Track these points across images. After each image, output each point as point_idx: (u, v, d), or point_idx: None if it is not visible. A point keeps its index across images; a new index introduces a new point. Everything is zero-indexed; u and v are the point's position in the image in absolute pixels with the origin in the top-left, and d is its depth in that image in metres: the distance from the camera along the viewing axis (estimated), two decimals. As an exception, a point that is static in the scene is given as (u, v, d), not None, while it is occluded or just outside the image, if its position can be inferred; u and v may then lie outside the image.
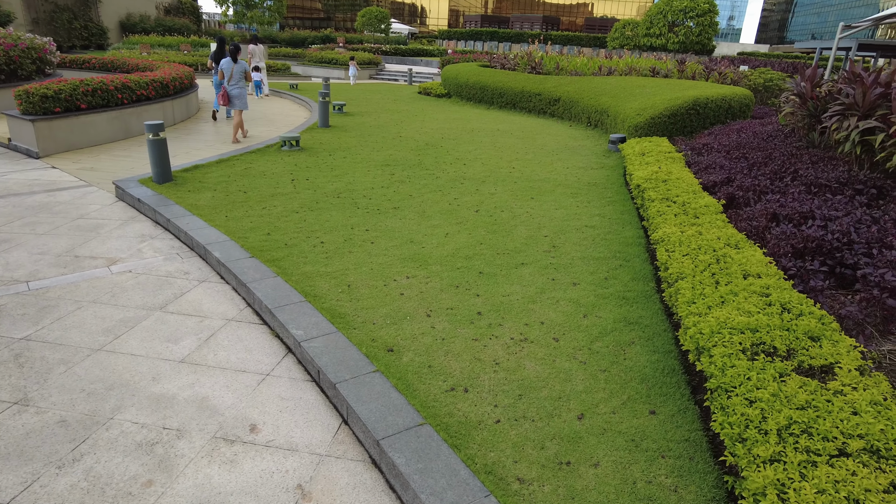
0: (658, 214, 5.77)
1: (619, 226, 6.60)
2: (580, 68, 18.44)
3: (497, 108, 17.74)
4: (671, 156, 8.58)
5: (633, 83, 14.53)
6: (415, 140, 11.79)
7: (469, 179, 8.59)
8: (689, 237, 4.93)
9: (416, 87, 24.09)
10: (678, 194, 6.39)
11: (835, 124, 6.76)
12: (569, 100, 15.34)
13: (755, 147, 8.10)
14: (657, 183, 6.94)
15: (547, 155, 10.67)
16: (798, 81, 8.03)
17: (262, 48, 18.97)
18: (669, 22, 36.60)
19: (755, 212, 5.66)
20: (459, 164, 9.59)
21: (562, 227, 6.47)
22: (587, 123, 14.46)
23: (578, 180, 8.77)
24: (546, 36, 53.65)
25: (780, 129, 8.87)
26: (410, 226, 6.31)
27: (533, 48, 25.21)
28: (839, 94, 7.08)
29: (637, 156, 8.83)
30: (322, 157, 9.77)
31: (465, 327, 4.05)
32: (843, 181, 6.33)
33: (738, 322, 3.29)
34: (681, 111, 10.72)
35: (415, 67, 34.58)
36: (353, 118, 14.79)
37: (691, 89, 12.12)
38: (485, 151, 10.81)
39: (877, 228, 5.09)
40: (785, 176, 6.78)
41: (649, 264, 5.48)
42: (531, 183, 8.49)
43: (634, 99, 12.46)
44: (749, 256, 4.48)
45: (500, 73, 18.49)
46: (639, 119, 10.61)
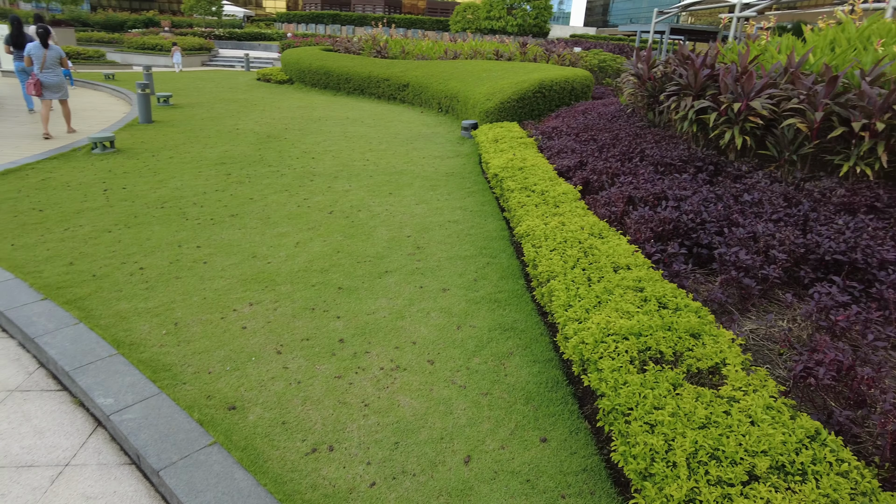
0: (520, 206, 5.56)
1: (482, 218, 6.34)
2: (426, 52, 18.17)
3: (344, 94, 16.90)
4: (524, 141, 8.54)
5: (479, 67, 14.53)
6: (255, 133, 10.68)
7: (320, 175, 7.85)
8: (554, 229, 4.74)
9: (255, 74, 22.32)
10: (536, 182, 6.26)
11: (672, 104, 7.05)
12: (418, 85, 14.99)
13: (602, 128, 8.31)
14: (514, 171, 6.78)
15: (402, 144, 10.20)
16: (635, 63, 8.34)
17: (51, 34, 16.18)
18: (508, 5, 37.89)
19: (612, 196, 5.66)
20: (307, 159, 8.78)
21: (424, 224, 6.04)
22: (438, 109, 14.23)
23: (436, 171, 8.41)
24: (389, 19, 53.03)
25: (622, 109, 9.23)
26: (252, 237, 5.48)
27: (377, 31, 24.53)
28: (674, 75, 7.42)
29: (491, 143, 8.68)
30: (143, 160, 8.40)
31: (326, 362, 3.45)
32: (685, 159, 6.62)
33: (620, 326, 3.08)
34: (528, 94, 10.81)
35: (252, 53, 32.20)
36: (181, 111, 13.13)
37: (535, 72, 12.33)
38: (335, 142, 10.07)
39: (722, 206, 5.29)
40: (633, 157, 6.95)
41: (516, 259, 5.25)
42: (388, 176, 7.97)
43: (482, 83, 12.40)
44: (615, 246, 4.37)
45: (346, 58, 17.63)
46: (489, 104, 10.53)
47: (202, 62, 28.10)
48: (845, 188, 5.51)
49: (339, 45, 20.00)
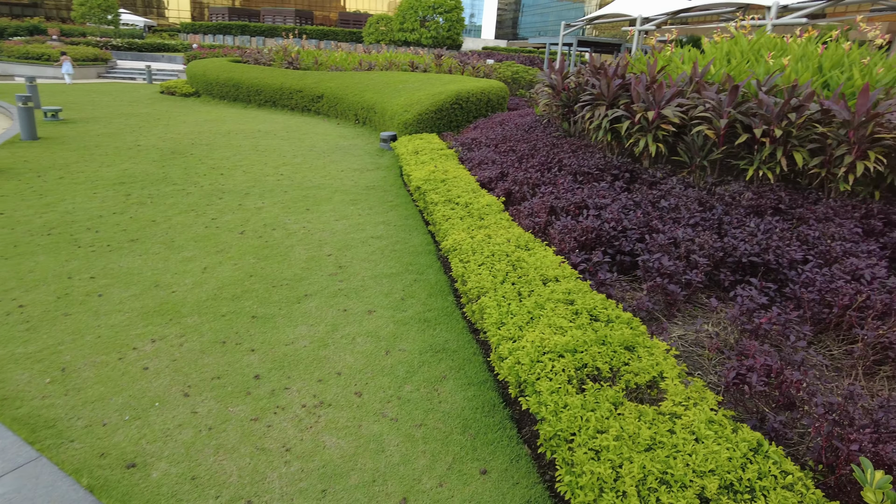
0: (445, 219, 5.40)
1: (406, 233, 6.13)
2: (340, 63, 17.81)
3: (255, 106, 16.21)
4: (444, 153, 8.44)
5: (395, 78, 14.38)
6: (158, 149, 9.94)
7: (230, 192, 7.36)
8: (481, 243, 4.62)
9: (158, 87, 21.02)
10: (459, 195, 6.14)
11: (587, 114, 7.17)
12: (333, 96, 14.61)
13: (520, 139, 8.35)
14: (437, 183, 6.63)
15: (318, 157, 9.82)
16: (548, 74, 8.46)
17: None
18: (421, 18, 38.08)
19: (534, 206, 5.63)
20: (216, 175, 8.23)
21: (346, 241, 5.75)
22: (355, 120, 13.92)
23: (356, 184, 8.12)
24: (301, 30, 51.95)
25: (538, 120, 9.35)
26: (155, 263, 4.98)
27: (288, 42, 23.84)
28: (587, 86, 7.56)
29: (411, 154, 8.51)
30: (26, 181, 7.54)
31: (240, 402, 3.11)
32: (602, 168, 6.73)
33: (555, 343, 2.96)
34: (446, 106, 10.76)
35: (155, 64, 30.43)
36: (73, 126, 12.05)
37: (452, 83, 12.32)
38: (246, 157, 9.53)
39: (641, 213, 5.38)
40: (552, 166, 7.00)
41: (444, 274, 5.08)
42: (305, 191, 7.59)
43: (400, 94, 12.25)
44: (542, 258, 4.30)
45: (256, 69, 16.94)
46: (407, 116, 10.37)
47: (98, 74, 26.18)
48: (752, 191, 5.77)
49: (249, 56, 19.22)
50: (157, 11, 78.52)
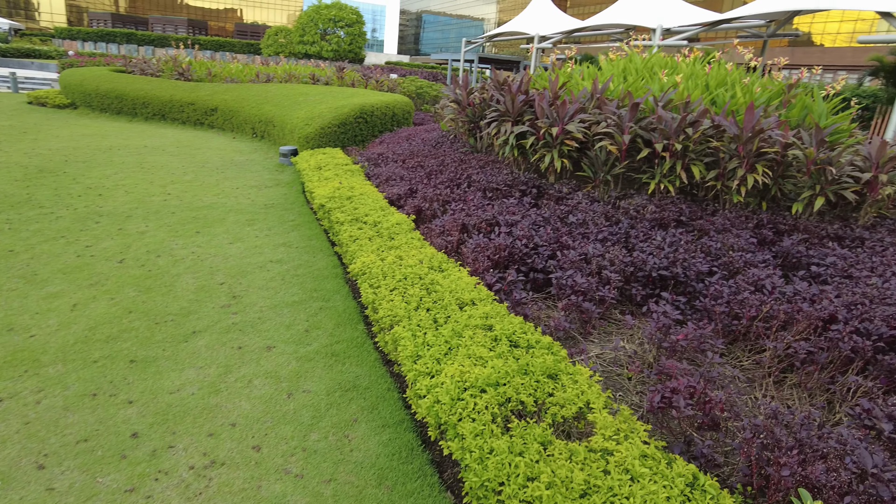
0: (352, 240, 5.07)
1: (309, 255, 5.72)
2: (236, 75, 16.91)
3: (142, 120, 14.97)
4: (349, 168, 8.09)
5: (295, 91, 13.81)
6: (22, 167, 8.79)
7: (108, 215, 6.58)
8: (392, 265, 4.34)
9: (25, 96, 18.93)
10: (367, 213, 5.82)
11: (494, 130, 7.12)
12: (228, 109, 13.79)
13: (428, 154, 8.17)
14: (342, 201, 6.28)
15: (211, 173, 9.11)
16: (453, 89, 8.37)
17: None
18: (321, 30, 37.34)
19: (446, 224, 5.43)
20: (93, 196, 7.36)
21: (241, 267, 5.25)
22: (252, 134, 13.20)
23: (253, 203, 7.57)
24: (194, 41, 49.37)
25: (445, 135, 9.23)
26: (10, 302, 4.25)
27: (179, 53, 22.42)
28: (493, 102, 7.53)
29: (314, 170, 8.08)
30: None
31: (112, 470, 2.61)
32: (510, 183, 6.68)
33: (476, 377, 2.73)
34: (350, 120, 10.41)
35: (22, 71, 27.53)
36: (-86, 140, 10.46)
37: (355, 97, 11.99)
38: (129, 175, 8.65)
39: (551, 229, 5.34)
40: (461, 182, 6.86)
41: (353, 300, 4.74)
42: (195, 212, 6.95)
43: (300, 108, 11.73)
44: (457, 279, 4.09)
45: (142, 80, 15.68)
46: (308, 129, 9.90)
47: (-50, 82, 23.22)
48: (654, 204, 5.92)
49: (135, 66, 17.77)
50: (25, 14, 71.51)
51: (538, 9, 30.89)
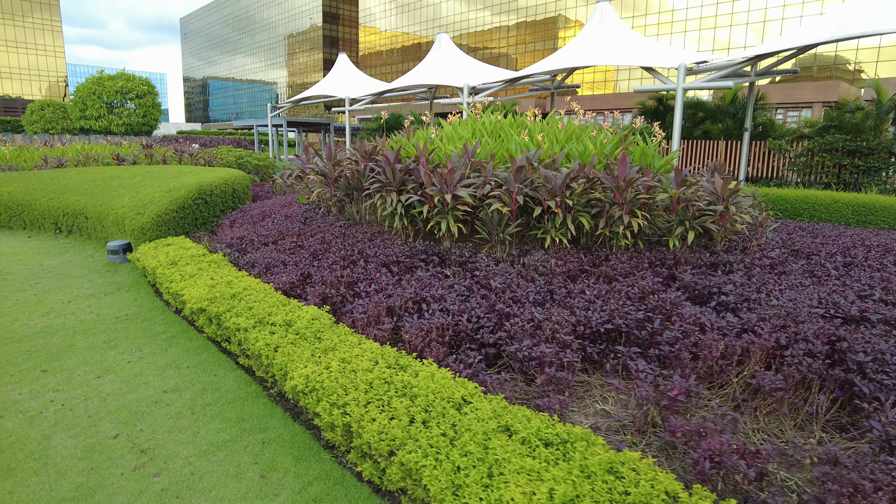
0: (271, 348, 4.33)
1: (208, 375, 4.78)
2: (14, 161, 14.21)
3: None
4: (210, 259, 7.10)
5: (104, 174, 12.00)
6: None
7: None
8: (343, 373, 3.77)
9: None
10: (270, 311, 5.08)
11: (378, 200, 6.82)
12: (15, 203, 11.46)
13: (300, 232, 7.54)
14: (228, 301, 5.41)
15: (22, 287, 7.33)
16: (306, 160, 7.92)
17: None
18: (107, 104, 33.34)
19: (369, 311, 4.95)
20: None
21: (130, 407, 4.16)
22: (55, 231, 11.09)
23: (100, 317, 6.21)
24: (-75, 121, 40.91)
25: (309, 209, 8.64)
26: None
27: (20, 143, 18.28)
28: (368, 172, 7.24)
29: (168, 266, 6.94)
30: None
31: None
32: (409, 254, 6.40)
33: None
34: (188, 203, 9.25)
35: None
36: None
37: (185, 175, 10.76)
38: None
39: (481, 297, 5.17)
40: (356, 259, 6.40)
41: (298, 425, 4.01)
42: (26, 342, 5.45)
43: (120, 194, 10.18)
44: (429, 376, 3.68)
45: None
46: (143, 219, 8.55)
47: None
48: (554, 258, 6.10)
49: None
50: None
51: (342, 72, 31.55)
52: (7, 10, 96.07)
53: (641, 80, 55.58)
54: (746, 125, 18.76)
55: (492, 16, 70.34)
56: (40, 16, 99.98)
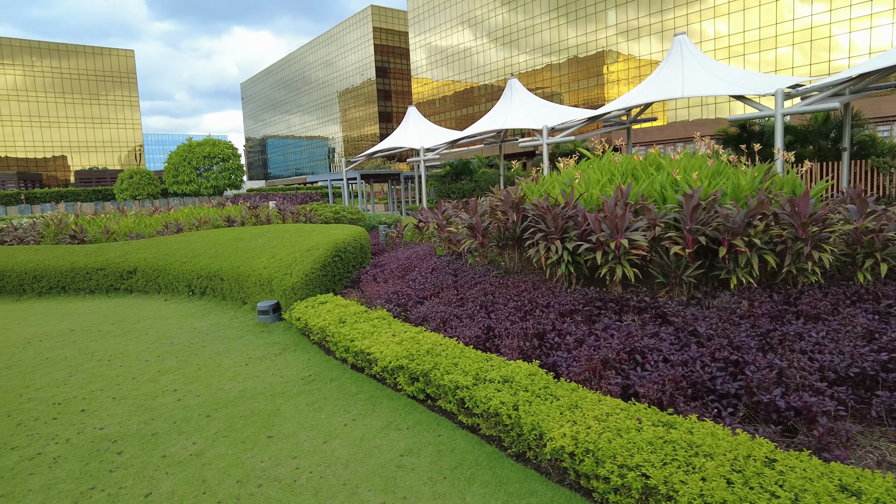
0: (510, 408, 4.27)
1: (430, 434, 4.76)
2: (140, 229, 15.14)
3: (34, 297, 12.57)
4: (375, 315, 7.22)
5: (226, 237, 12.58)
6: (-66, 392, 6.68)
7: (123, 440, 5.05)
8: (603, 433, 3.66)
9: None
10: (479, 368, 5.07)
11: (543, 249, 6.81)
12: (151, 268, 12.11)
13: (459, 284, 7.60)
14: (426, 358, 5.44)
15: (193, 352, 7.64)
16: (464, 215, 8.04)
17: None
18: (194, 168, 35.66)
19: (581, 364, 4.86)
20: (74, 414, 5.70)
21: (378, 474, 4.17)
22: (188, 293, 11.62)
23: (285, 379, 6.36)
24: (29, 195, 44.50)
25: (449, 260, 8.73)
26: None
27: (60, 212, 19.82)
28: (526, 221, 7.27)
29: (337, 325, 7.10)
30: None
31: None
32: (583, 302, 6.32)
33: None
34: (328, 261, 9.53)
35: None
36: None
37: (313, 233, 11.14)
38: (93, 375, 6.94)
39: (697, 346, 5.00)
40: (531, 309, 6.37)
41: (564, 486, 3.90)
42: (231, 407, 5.62)
43: (254, 255, 10.61)
44: (707, 434, 3.52)
45: (25, 250, 13.35)
46: (291, 279, 8.84)
47: None
48: (745, 299, 5.87)
49: (7, 235, 15.19)
50: None
51: (413, 123, 32.43)
52: (93, 91, 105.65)
53: (702, 107, 54.83)
54: (844, 144, 18.05)
55: (540, 57, 71.57)
56: (121, 93, 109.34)
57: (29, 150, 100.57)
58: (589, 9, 65.34)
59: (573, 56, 67.49)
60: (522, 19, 73.35)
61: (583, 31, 66.09)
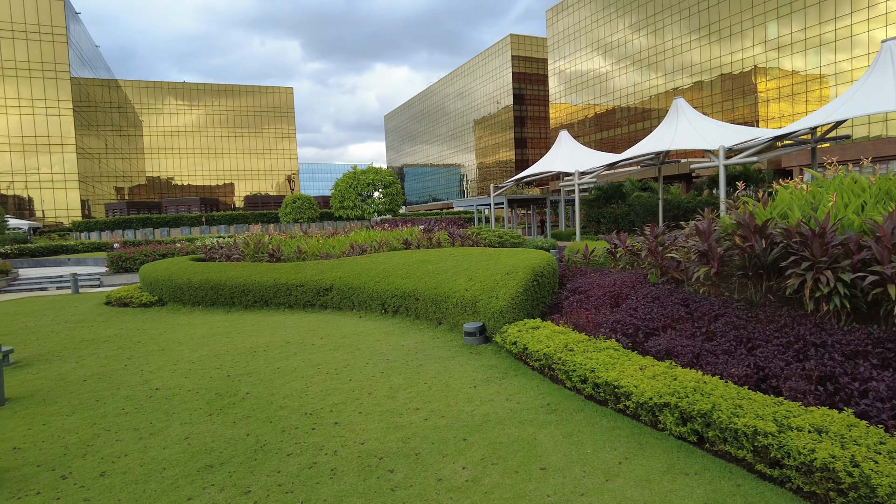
0: (848, 464, 3.66)
1: (731, 484, 4.25)
2: (326, 249, 16.19)
3: (242, 309, 13.81)
4: (605, 346, 6.83)
5: (412, 259, 12.95)
6: (192, 392, 7.38)
7: (393, 457, 5.11)
8: None
9: (95, 297, 17.85)
10: (774, 412, 4.48)
11: (810, 282, 6.03)
12: (346, 287, 12.77)
13: (694, 317, 7.00)
14: (696, 397, 4.94)
15: (416, 371, 7.76)
16: (698, 241, 7.45)
17: None
18: (358, 193, 38.41)
19: None
20: (328, 426, 5.93)
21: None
22: (381, 311, 12.05)
23: (524, 406, 6.17)
24: (209, 218, 50.24)
25: (670, 288, 8.14)
26: None
27: (256, 232, 22.02)
28: (785, 249, 6.54)
29: (565, 352, 6.81)
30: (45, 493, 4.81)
31: None
32: (870, 343, 5.44)
33: None
34: (530, 285, 9.36)
35: (80, 269, 26.85)
36: (36, 371, 9.04)
37: (503, 257, 11.07)
38: (328, 387, 7.27)
39: None
40: (806, 348, 5.62)
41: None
42: (486, 431, 5.51)
43: (450, 277, 10.73)
44: None
45: (234, 267, 14.79)
46: (499, 303, 8.76)
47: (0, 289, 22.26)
48: None
49: (217, 252, 17.04)
50: (29, 212, 73.17)
51: (565, 147, 31.97)
52: (257, 126, 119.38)
53: (886, 122, 48.54)
54: None
55: (682, 77, 68.14)
56: (280, 126, 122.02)
57: (205, 179, 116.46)
58: (735, 27, 61.42)
59: (719, 75, 63.50)
60: (665, 40, 70.70)
61: (730, 48, 62.15)
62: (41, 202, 73.67)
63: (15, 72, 70.38)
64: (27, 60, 70.72)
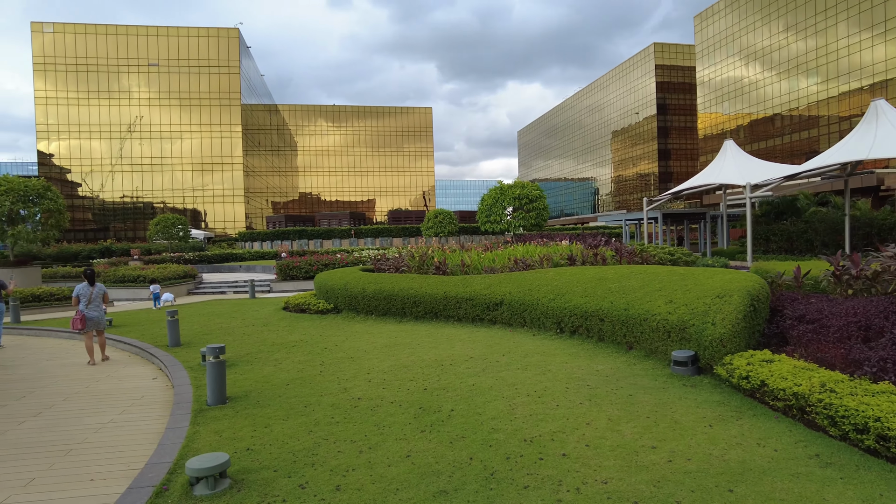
0: None
1: None
2: (489, 263, 16.00)
3: (413, 320, 13.98)
4: (878, 389, 5.66)
5: (585, 276, 12.21)
6: (394, 404, 7.31)
7: (642, 501, 4.49)
8: None
9: (273, 302, 19.26)
10: None
11: None
12: (517, 302, 12.38)
13: None
14: None
15: (622, 400, 7.07)
16: None
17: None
18: (506, 208, 38.66)
19: None
20: (554, 458, 5.44)
21: None
22: (557, 330, 11.46)
23: (785, 455, 5.24)
24: (357, 231, 53.07)
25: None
26: None
27: (420, 245, 22.68)
28: None
29: (823, 392, 5.75)
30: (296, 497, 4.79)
31: None
32: None
33: None
34: (748, 311, 8.26)
35: (252, 275, 29.56)
36: (242, 372, 9.65)
37: (705, 277, 9.99)
38: (530, 410, 6.83)
39: None
40: None
41: None
42: (741, 483, 4.71)
43: (647, 298, 9.86)
44: None
45: (404, 279, 15.08)
46: (718, 330, 7.79)
47: (188, 291, 24.95)
48: None
49: (385, 263, 17.63)
50: (204, 224, 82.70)
51: (731, 157, 29.41)
52: (396, 145, 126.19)
53: None
54: None
55: (850, 81, 60.29)
56: (419, 145, 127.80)
57: (350, 194, 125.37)
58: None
59: None
60: (829, 41, 63.42)
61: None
62: (213, 214, 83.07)
63: (199, 101, 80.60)
64: (208, 91, 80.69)
